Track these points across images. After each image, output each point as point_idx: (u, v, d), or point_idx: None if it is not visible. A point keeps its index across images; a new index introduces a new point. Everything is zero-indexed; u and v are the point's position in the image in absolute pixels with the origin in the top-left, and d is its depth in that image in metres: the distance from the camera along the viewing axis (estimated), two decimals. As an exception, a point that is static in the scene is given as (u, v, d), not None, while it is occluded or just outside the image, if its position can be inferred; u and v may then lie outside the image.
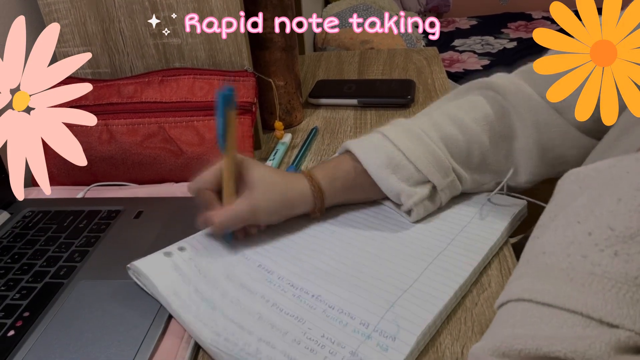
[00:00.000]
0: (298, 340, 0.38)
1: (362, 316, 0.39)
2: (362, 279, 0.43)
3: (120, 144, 0.60)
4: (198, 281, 0.44)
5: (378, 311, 0.39)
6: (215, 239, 0.49)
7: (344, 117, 0.79)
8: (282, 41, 0.70)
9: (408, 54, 1.06)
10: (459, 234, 0.48)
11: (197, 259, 0.46)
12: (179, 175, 0.61)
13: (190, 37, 0.64)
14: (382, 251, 0.47)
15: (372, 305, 0.40)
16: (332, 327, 0.39)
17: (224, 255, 0.47)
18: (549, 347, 0.24)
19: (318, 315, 0.40)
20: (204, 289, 0.43)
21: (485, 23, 2.71)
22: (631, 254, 0.25)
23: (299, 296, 0.42)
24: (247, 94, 0.62)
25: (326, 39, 1.89)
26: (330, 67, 1.03)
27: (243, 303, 0.41)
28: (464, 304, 0.42)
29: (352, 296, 0.41)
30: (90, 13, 0.64)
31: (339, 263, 0.46)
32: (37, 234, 0.52)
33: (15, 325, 0.40)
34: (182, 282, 0.43)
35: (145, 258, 0.45)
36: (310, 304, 0.41)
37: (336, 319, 0.39)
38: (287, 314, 0.40)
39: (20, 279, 0.45)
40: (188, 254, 0.47)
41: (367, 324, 0.38)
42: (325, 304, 0.41)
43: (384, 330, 0.38)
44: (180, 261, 0.45)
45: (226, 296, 0.42)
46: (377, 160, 0.49)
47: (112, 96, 0.62)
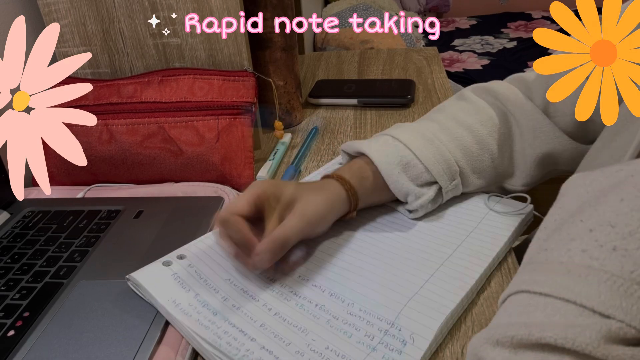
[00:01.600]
0: (302, 352, 0.37)
1: (366, 328, 0.38)
2: (367, 287, 0.42)
3: (120, 143, 0.60)
4: (199, 287, 0.43)
5: (383, 322, 0.39)
6: (214, 245, 0.48)
7: (344, 117, 0.79)
8: (282, 41, 0.70)
9: (408, 54, 1.06)
10: (465, 240, 0.47)
11: (198, 265, 0.45)
12: (178, 175, 0.61)
13: (190, 37, 0.64)
14: (387, 258, 0.46)
15: (377, 316, 0.39)
16: (337, 338, 0.38)
17: (226, 261, 0.46)
18: (540, 333, 0.25)
19: (322, 325, 0.39)
20: (205, 294, 0.42)
21: (485, 23, 2.71)
22: (629, 250, 0.25)
23: (302, 305, 0.41)
24: (247, 94, 0.62)
25: (326, 38, 1.89)
26: (330, 67, 1.03)
27: (245, 309, 0.41)
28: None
29: (356, 307, 0.40)
30: (90, 13, 0.64)
31: (343, 270, 0.45)
32: (37, 234, 0.52)
33: (15, 325, 0.40)
34: (181, 290, 0.42)
35: (144, 269, 0.44)
36: (314, 313, 0.40)
37: (340, 329, 0.38)
38: (290, 324, 0.39)
39: (20, 279, 0.45)
40: (188, 261, 0.46)
41: (373, 336, 0.37)
42: (329, 314, 0.40)
43: (389, 342, 0.37)
44: (180, 269, 0.45)
45: (228, 301, 0.42)
46: (389, 159, 0.49)
47: (112, 96, 0.62)
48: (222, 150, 0.60)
